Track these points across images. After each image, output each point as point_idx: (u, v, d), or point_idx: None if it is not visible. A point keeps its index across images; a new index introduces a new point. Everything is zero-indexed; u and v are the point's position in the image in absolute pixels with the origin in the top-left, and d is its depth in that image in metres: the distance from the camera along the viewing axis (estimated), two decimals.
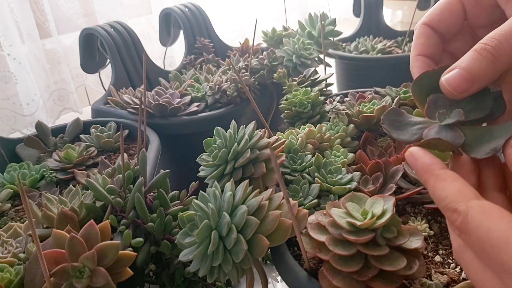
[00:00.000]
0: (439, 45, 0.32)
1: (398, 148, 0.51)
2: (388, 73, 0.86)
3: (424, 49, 0.32)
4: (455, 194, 0.22)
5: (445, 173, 0.24)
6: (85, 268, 0.34)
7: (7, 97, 0.99)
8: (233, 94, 0.67)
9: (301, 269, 0.34)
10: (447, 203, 0.22)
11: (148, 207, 0.46)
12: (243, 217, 0.35)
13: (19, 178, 0.33)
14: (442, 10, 0.32)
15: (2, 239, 0.42)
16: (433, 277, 0.34)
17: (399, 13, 1.79)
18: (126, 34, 0.83)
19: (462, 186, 0.23)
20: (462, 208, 0.21)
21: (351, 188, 0.43)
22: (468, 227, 0.21)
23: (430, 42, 0.32)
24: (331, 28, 0.79)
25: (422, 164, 0.25)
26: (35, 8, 1.02)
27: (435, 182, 0.24)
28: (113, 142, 0.61)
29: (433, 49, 0.32)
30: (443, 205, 0.23)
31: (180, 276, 0.47)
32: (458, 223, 0.22)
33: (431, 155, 0.25)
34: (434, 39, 0.32)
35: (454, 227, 0.22)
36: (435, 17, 0.32)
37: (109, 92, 0.75)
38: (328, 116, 0.58)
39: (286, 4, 1.02)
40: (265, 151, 0.43)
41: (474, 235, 0.21)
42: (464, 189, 0.22)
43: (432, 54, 0.32)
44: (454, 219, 0.22)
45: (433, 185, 0.24)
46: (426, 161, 0.25)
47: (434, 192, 0.24)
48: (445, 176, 0.23)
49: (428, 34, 0.32)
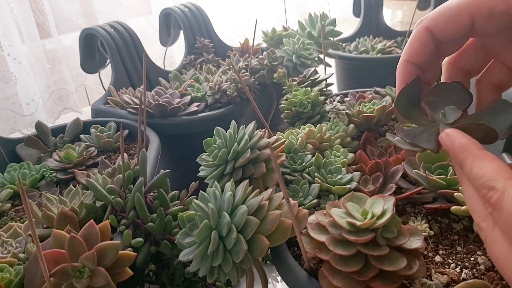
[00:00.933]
0: (433, 53, 0.31)
1: (398, 148, 0.51)
2: (388, 73, 0.85)
3: (415, 56, 0.31)
4: (494, 172, 0.23)
5: (483, 153, 0.24)
6: (85, 268, 0.34)
7: (7, 97, 0.99)
8: (233, 94, 0.67)
9: (301, 269, 0.34)
10: (485, 180, 0.23)
11: (148, 207, 0.46)
12: (243, 217, 0.35)
13: (19, 178, 0.33)
14: (448, 21, 0.30)
15: (2, 239, 0.42)
16: (433, 277, 0.34)
17: (399, 13, 1.79)
18: (126, 34, 0.83)
19: (501, 166, 0.23)
20: (499, 186, 0.22)
21: (351, 188, 0.43)
22: (503, 204, 0.22)
23: (425, 50, 0.31)
24: (331, 28, 0.79)
25: (460, 144, 0.25)
26: (35, 8, 1.02)
27: (474, 160, 0.24)
28: (113, 142, 0.61)
29: (424, 58, 0.31)
30: (480, 183, 0.23)
31: (180, 276, 0.47)
32: (494, 200, 0.22)
33: (468, 136, 0.26)
34: (429, 46, 0.31)
35: (488, 204, 0.23)
36: (439, 24, 0.30)
37: (109, 92, 0.75)
38: (328, 116, 0.58)
39: (286, 4, 1.02)
40: (265, 151, 0.43)
41: (507, 212, 0.21)
42: (503, 168, 0.23)
43: (422, 62, 0.31)
44: (490, 197, 0.22)
45: (471, 163, 0.24)
46: (464, 141, 0.25)
47: (471, 170, 0.24)
48: (483, 156, 0.24)
49: (425, 40, 0.31)
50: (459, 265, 0.35)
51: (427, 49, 0.31)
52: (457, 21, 0.30)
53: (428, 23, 0.31)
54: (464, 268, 0.35)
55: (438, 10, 0.31)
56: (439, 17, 0.31)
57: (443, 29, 0.30)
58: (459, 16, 0.30)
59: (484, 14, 0.29)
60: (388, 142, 0.53)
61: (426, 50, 0.31)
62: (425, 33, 0.31)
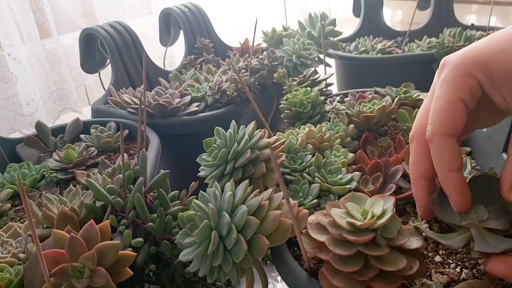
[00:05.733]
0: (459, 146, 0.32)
1: (398, 148, 0.51)
2: (388, 73, 0.86)
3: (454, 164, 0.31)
4: None
5: None
6: (85, 268, 0.34)
7: (7, 97, 0.99)
8: (233, 94, 0.67)
9: (301, 269, 0.34)
10: None
11: (148, 207, 0.46)
12: (243, 217, 0.35)
13: (19, 178, 0.33)
14: (453, 115, 0.31)
15: (2, 239, 0.42)
16: (433, 277, 0.34)
17: (399, 13, 1.79)
18: (126, 34, 0.83)
19: None
20: None
21: (351, 188, 0.43)
22: None
23: (456, 154, 0.31)
24: (331, 28, 0.79)
25: None
26: (35, 8, 1.02)
27: None
28: (113, 142, 0.61)
29: (460, 160, 0.31)
30: None
31: (180, 276, 0.47)
32: None
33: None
34: (457, 149, 0.31)
35: None
36: (450, 125, 0.31)
37: (109, 92, 0.75)
38: (328, 116, 0.58)
39: (286, 4, 1.02)
40: (265, 151, 0.43)
41: None
42: None
43: (461, 166, 0.31)
44: None
45: None
46: None
47: None
48: None
49: (452, 146, 0.31)
50: (459, 265, 0.35)
51: (457, 152, 0.31)
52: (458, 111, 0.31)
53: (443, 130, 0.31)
54: (464, 268, 0.35)
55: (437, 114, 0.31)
56: (444, 118, 0.31)
57: (455, 126, 0.31)
58: (456, 105, 0.31)
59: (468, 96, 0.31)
60: (388, 142, 0.53)
61: (458, 153, 0.31)
62: (449, 140, 0.31)
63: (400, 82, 0.64)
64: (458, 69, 0.31)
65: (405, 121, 0.58)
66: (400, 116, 0.58)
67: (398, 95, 0.60)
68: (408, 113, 0.58)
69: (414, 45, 0.95)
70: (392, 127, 0.57)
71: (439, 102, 0.31)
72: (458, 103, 0.30)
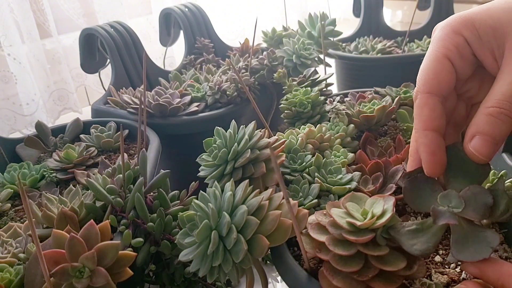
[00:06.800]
0: (444, 114, 0.31)
1: (398, 148, 0.51)
2: (388, 73, 0.86)
3: (431, 123, 0.30)
4: None
5: None
6: (85, 268, 0.34)
7: (7, 97, 0.99)
8: (233, 94, 0.67)
9: (301, 269, 0.34)
10: None
11: (148, 207, 0.46)
12: (243, 217, 0.35)
13: (19, 178, 0.33)
14: (437, 72, 0.31)
15: (2, 239, 0.42)
16: (433, 277, 0.34)
17: (399, 13, 1.79)
18: (126, 34, 0.83)
19: None
20: None
21: (351, 188, 0.43)
22: None
23: (436, 114, 0.30)
24: (331, 28, 0.79)
25: None
26: (35, 8, 1.02)
27: None
28: (113, 142, 0.61)
29: (439, 121, 0.31)
30: None
31: (180, 276, 0.47)
32: None
33: None
34: (439, 109, 0.30)
35: None
36: (433, 82, 0.31)
37: (109, 92, 0.75)
38: (328, 116, 0.58)
39: (286, 4, 1.02)
40: (265, 151, 0.43)
41: None
42: None
43: (439, 127, 0.31)
44: None
45: None
46: None
47: None
48: None
49: (432, 104, 0.30)
50: (459, 265, 0.35)
51: (437, 112, 0.31)
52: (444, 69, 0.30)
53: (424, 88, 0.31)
54: None
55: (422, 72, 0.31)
56: (426, 76, 0.31)
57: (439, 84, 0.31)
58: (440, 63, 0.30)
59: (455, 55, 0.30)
60: (388, 142, 0.53)
61: (437, 114, 0.31)
62: (430, 98, 0.31)
63: (400, 82, 0.64)
64: (445, 28, 0.31)
65: (405, 121, 0.58)
66: (400, 116, 0.58)
67: (398, 95, 0.60)
68: (408, 113, 0.58)
69: (414, 45, 0.95)
70: (392, 127, 0.57)
71: (425, 61, 0.32)
72: (443, 60, 0.30)
